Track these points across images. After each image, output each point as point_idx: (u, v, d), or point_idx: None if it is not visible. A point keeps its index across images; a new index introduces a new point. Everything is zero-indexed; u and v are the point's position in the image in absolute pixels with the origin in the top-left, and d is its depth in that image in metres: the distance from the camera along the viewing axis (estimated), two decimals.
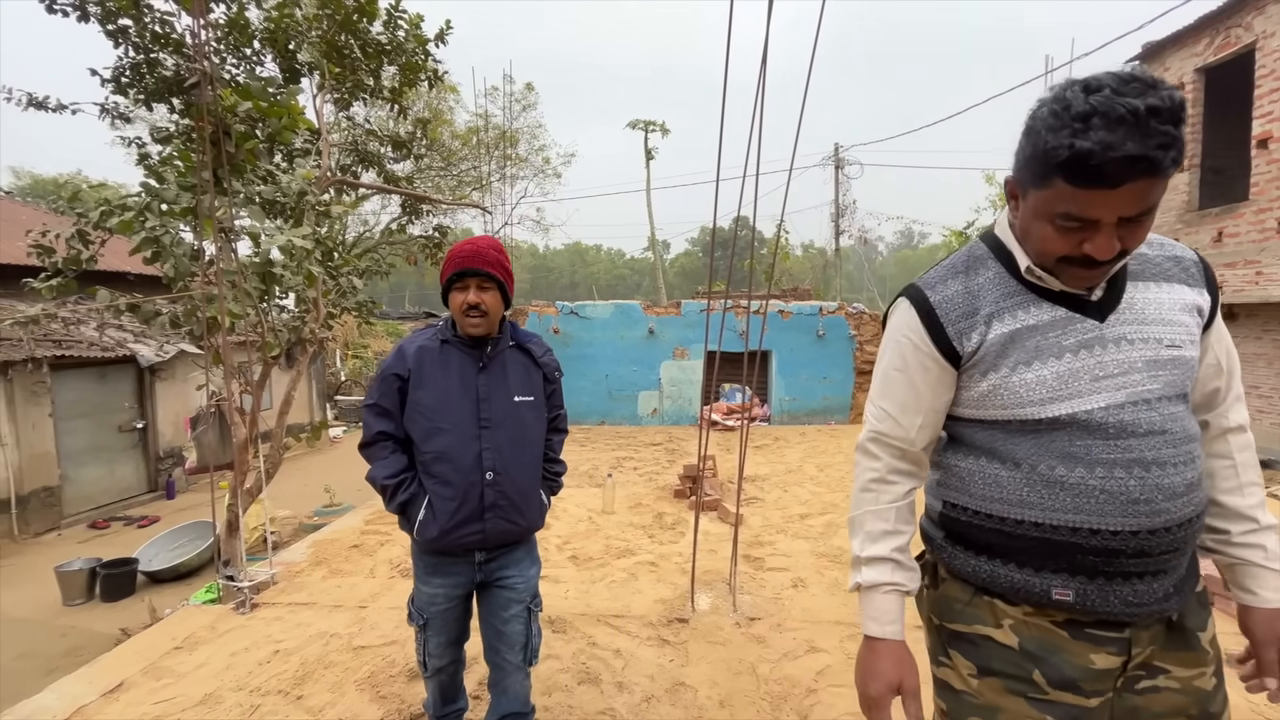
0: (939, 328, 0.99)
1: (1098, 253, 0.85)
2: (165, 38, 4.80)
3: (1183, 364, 0.92)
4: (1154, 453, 0.89)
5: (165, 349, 8.58)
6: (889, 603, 1.02)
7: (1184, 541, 0.91)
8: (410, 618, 1.84)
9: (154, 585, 5.63)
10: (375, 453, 1.72)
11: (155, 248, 3.27)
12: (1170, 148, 0.78)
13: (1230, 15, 7.71)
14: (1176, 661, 0.95)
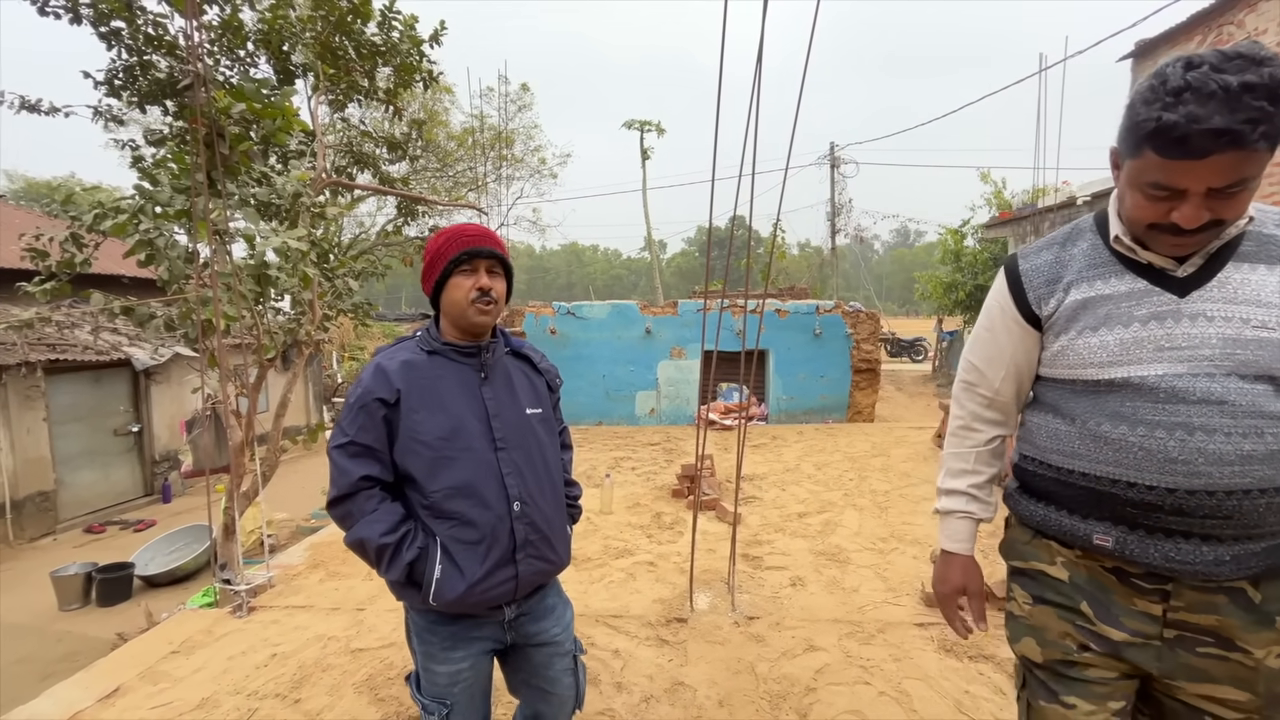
0: (1022, 293, 1.12)
1: (1184, 221, 0.90)
2: (158, 40, 4.79)
3: (1272, 345, 0.92)
4: (1203, 419, 0.93)
5: (160, 352, 8.55)
6: (961, 526, 1.24)
7: (1237, 511, 0.92)
8: (425, 711, 1.41)
9: (150, 589, 5.61)
10: (358, 505, 1.31)
11: (149, 250, 3.26)
12: (1260, 123, 0.82)
13: (1223, 13, 7.75)
14: (1253, 640, 0.96)
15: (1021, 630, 1.14)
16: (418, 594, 1.33)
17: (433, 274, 1.41)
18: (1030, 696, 1.13)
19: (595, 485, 5.25)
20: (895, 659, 2.62)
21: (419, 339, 1.44)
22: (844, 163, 20.24)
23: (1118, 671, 1.06)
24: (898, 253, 72.48)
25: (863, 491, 5.40)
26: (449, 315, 1.42)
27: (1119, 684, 1.06)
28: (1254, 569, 0.95)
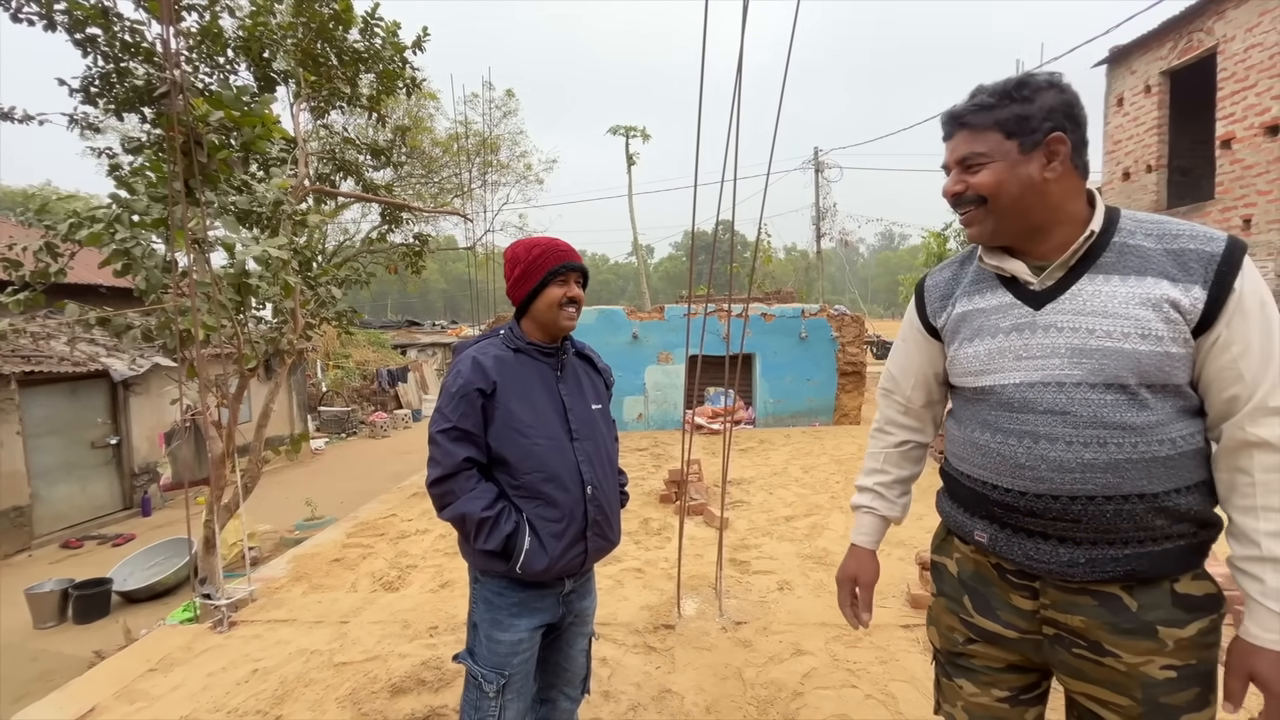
0: (923, 307, 1.22)
1: (946, 190, 1.09)
2: (135, 46, 4.73)
3: (1116, 354, 0.95)
4: (1048, 429, 1.00)
5: (139, 363, 8.41)
6: (865, 521, 1.33)
7: (1084, 515, 0.98)
8: (481, 681, 1.49)
9: (129, 605, 5.49)
10: (460, 484, 1.45)
11: (126, 260, 3.20)
12: (978, 110, 1.02)
13: (1192, 20, 7.94)
14: (1125, 648, 0.99)
15: (929, 618, 1.27)
16: (505, 563, 1.47)
17: (528, 282, 1.56)
18: (938, 672, 1.25)
19: None
20: (881, 661, 2.63)
21: (504, 337, 1.60)
22: (828, 167, 20.43)
23: (1004, 662, 1.13)
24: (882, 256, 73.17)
25: (849, 494, 5.41)
26: (539, 319, 1.58)
27: (1004, 675, 1.14)
28: (1111, 574, 0.98)
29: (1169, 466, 0.96)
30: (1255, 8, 7.10)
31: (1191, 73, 8.28)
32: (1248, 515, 0.95)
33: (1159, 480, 0.96)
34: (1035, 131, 0.99)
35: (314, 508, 7.12)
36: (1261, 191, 7.13)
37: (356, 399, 16.45)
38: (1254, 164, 7.22)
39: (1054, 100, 0.99)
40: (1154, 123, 8.68)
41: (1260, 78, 7.09)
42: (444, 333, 25.43)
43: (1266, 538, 0.93)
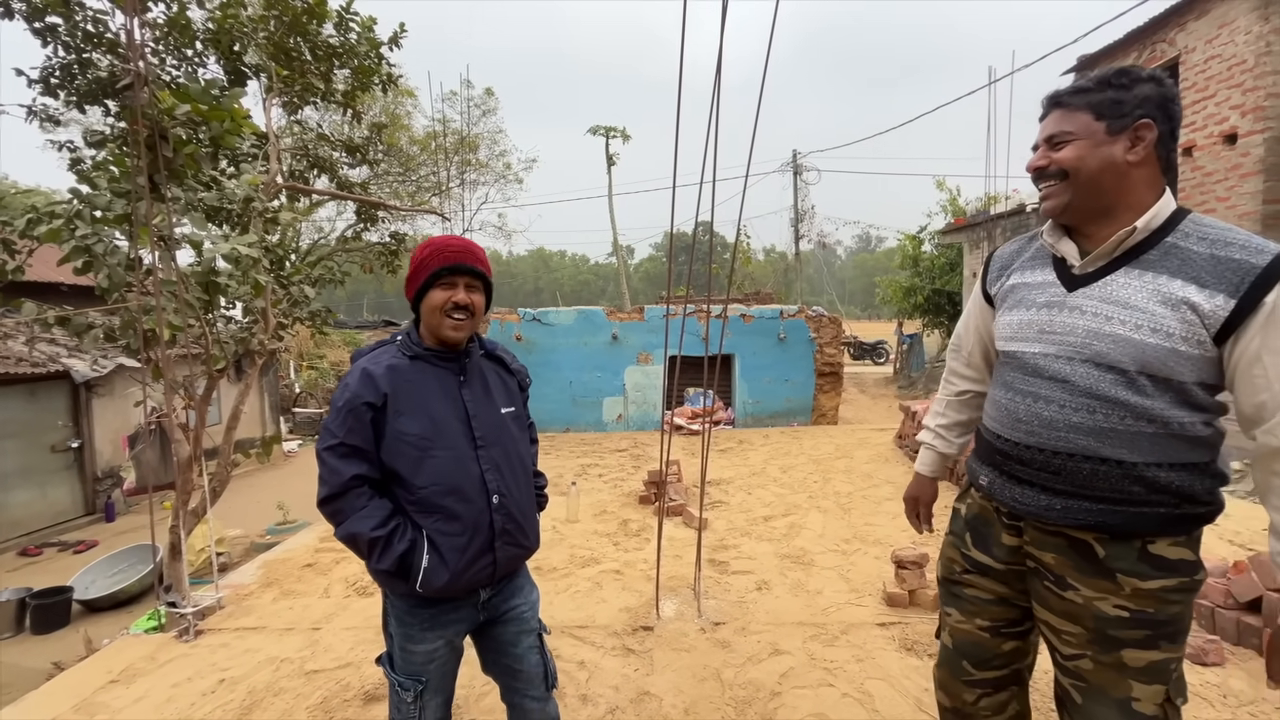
0: (986, 273, 1.38)
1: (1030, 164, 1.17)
2: (98, 37, 4.58)
3: (1123, 342, 1.06)
4: (1049, 392, 1.14)
5: (101, 363, 8.15)
6: (926, 455, 1.58)
7: (1063, 470, 1.13)
8: (399, 688, 1.51)
9: (90, 615, 5.32)
10: (350, 503, 1.39)
11: (86, 257, 3.09)
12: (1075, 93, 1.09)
13: (1156, 31, 8.19)
14: (1085, 584, 1.14)
15: (941, 553, 1.46)
16: (404, 582, 1.42)
17: (414, 283, 1.49)
18: (940, 602, 1.46)
19: (561, 494, 5.19)
20: (858, 659, 2.66)
21: (400, 343, 1.52)
22: (807, 170, 20.64)
23: (992, 594, 1.31)
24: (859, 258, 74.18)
25: (827, 494, 5.48)
26: (426, 324, 1.51)
27: (990, 606, 1.32)
28: (1082, 522, 1.11)
29: (1153, 443, 1.06)
30: (1215, 20, 7.36)
31: None
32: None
33: (1140, 452, 1.06)
34: (1125, 116, 1.05)
35: (286, 511, 6.97)
36: (1220, 198, 7.39)
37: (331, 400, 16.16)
38: (1213, 171, 7.48)
39: (1150, 91, 1.05)
40: None
41: (1219, 88, 7.34)
42: None
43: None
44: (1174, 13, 7.82)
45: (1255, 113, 6.93)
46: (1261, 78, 6.85)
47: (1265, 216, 6.90)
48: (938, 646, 1.45)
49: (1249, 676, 2.40)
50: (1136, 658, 1.10)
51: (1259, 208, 6.92)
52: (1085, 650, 1.14)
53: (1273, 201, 6.88)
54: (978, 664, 1.33)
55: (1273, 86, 6.83)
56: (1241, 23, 7.01)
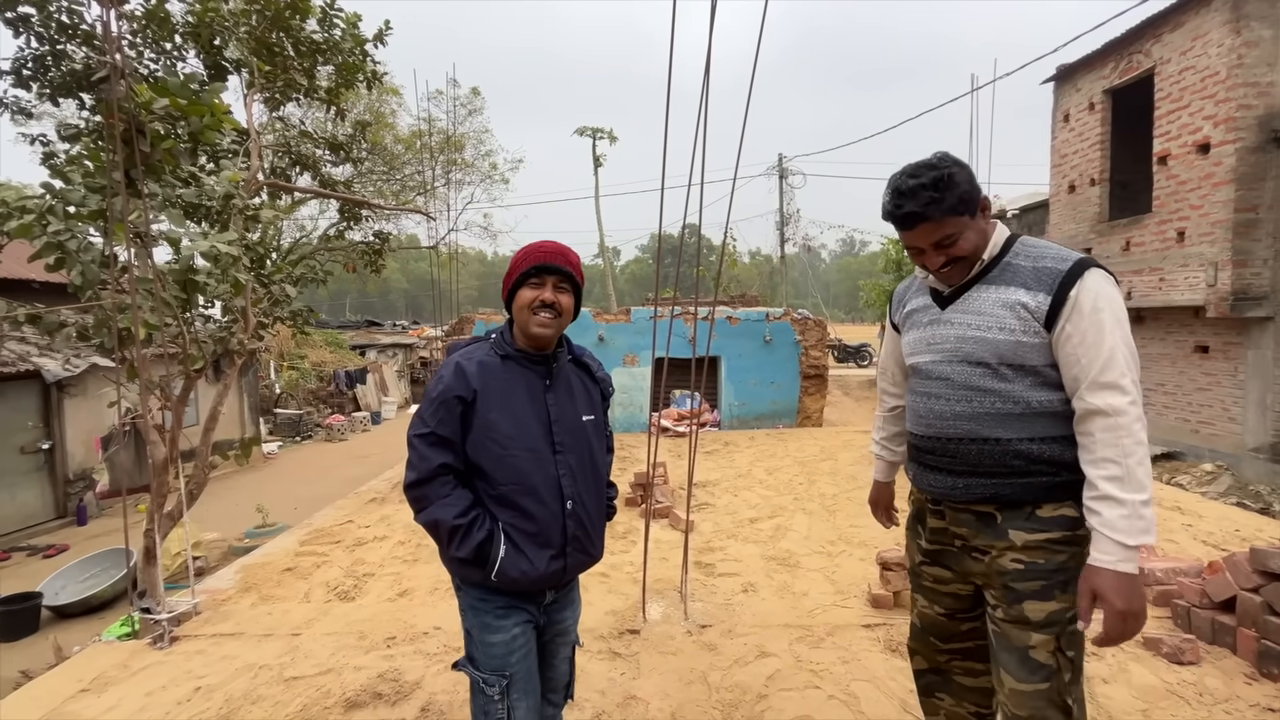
0: (891, 308, 1.69)
1: (930, 266, 1.39)
2: (73, 28, 4.47)
3: (981, 342, 1.34)
4: (937, 390, 1.42)
5: (74, 363, 7.95)
6: (878, 464, 1.88)
7: (956, 453, 1.39)
8: (484, 686, 1.49)
9: (61, 621, 5.17)
10: (434, 490, 1.44)
11: (59, 253, 3.01)
12: (931, 204, 1.29)
13: (1132, 42, 8.37)
14: (988, 545, 1.37)
15: (905, 545, 1.68)
16: (480, 571, 1.45)
17: (507, 283, 1.55)
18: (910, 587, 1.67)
19: None
20: (844, 661, 2.67)
21: (494, 342, 1.56)
22: (792, 174, 20.79)
23: (944, 586, 1.51)
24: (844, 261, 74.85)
25: (812, 495, 5.50)
26: (517, 323, 1.55)
27: (944, 597, 1.52)
28: (980, 496, 1.36)
29: (1021, 420, 1.32)
30: (1189, 33, 7.53)
31: (1132, 92, 8.73)
32: (1090, 466, 1.24)
33: (1011, 430, 1.32)
34: (973, 201, 1.33)
35: (265, 514, 6.84)
36: (1194, 206, 7.56)
37: (312, 401, 15.93)
38: (1187, 180, 7.65)
39: (963, 173, 1.31)
40: (1097, 139, 9.11)
41: (1193, 99, 7.52)
42: (405, 333, 24.84)
43: (1103, 481, 1.21)
44: (1150, 25, 7.99)
45: (1227, 123, 7.10)
46: (1233, 89, 7.03)
47: (1236, 224, 7.08)
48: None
49: (1224, 675, 2.45)
50: (1036, 609, 1.30)
51: (1231, 215, 7.10)
52: (1000, 603, 1.35)
53: (1244, 210, 7.06)
54: (942, 639, 1.57)
55: (1244, 98, 7.00)
56: (1214, 35, 7.19)
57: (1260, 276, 7.10)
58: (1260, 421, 7.19)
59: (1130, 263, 8.58)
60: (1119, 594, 1.17)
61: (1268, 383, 7.11)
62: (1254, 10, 6.93)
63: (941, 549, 1.49)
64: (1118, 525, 1.18)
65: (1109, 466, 1.20)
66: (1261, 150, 7.02)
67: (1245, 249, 7.11)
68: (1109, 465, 1.20)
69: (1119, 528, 1.17)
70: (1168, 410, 8.48)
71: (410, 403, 19.84)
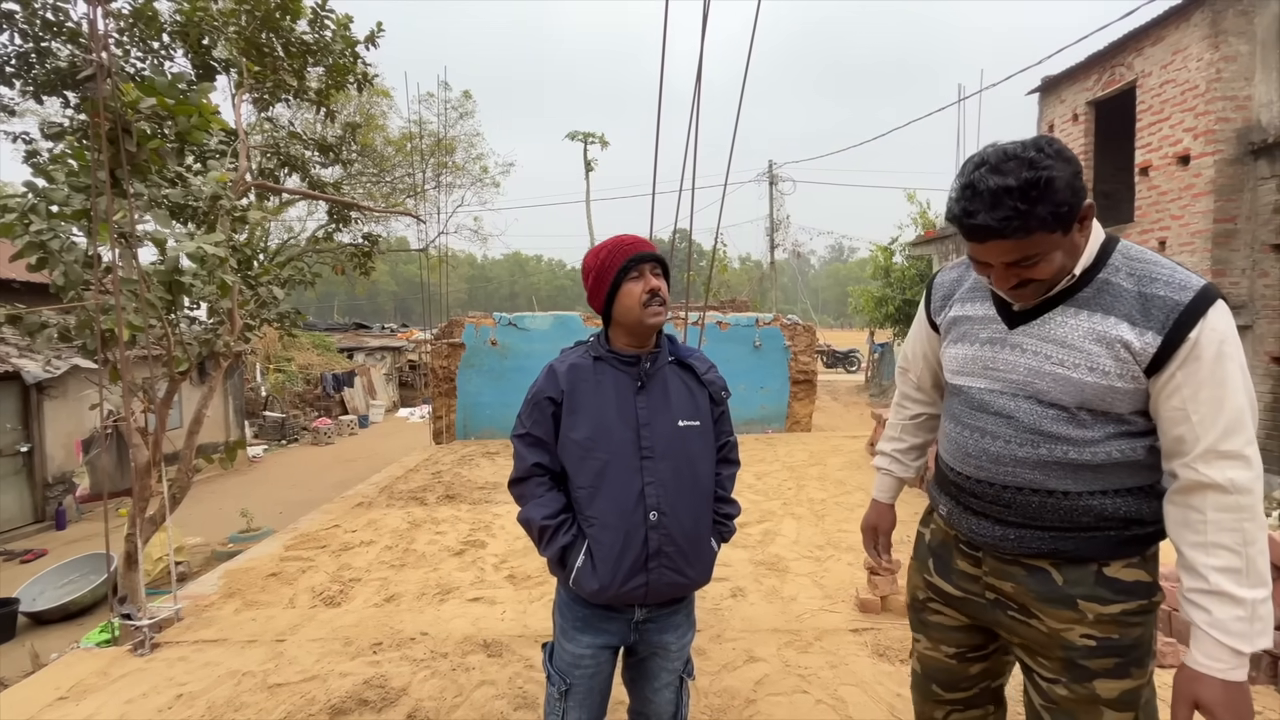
0: (929, 301, 1.37)
1: (996, 285, 1.11)
2: (58, 25, 4.42)
3: (1063, 381, 1.08)
4: (994, 427, 1.16)
5: (55, 364, 7.82)
6: (883, 480, 1.55)
7: (1013, 503, 1.14)
8: (549, 679, 1.53)
9: (38, 628, 5.07)
10: (529, 489, 1.46)
11: (41, 253, 2.97)
12: (1013, 219, 0.97)
13: (1114, 55, 8.53)
14: (1048, 614, 1.14)
15: (908, 574, 1.45)
16: (563, 573, 1.46)
17: (602, 287, 1.47)
18: (910, 625, 1.45)
19: None
20: (832, 666, 2.68)
21: (590, 345, 1.54)
22: (782, 180, 20.94)
23: (956, 621, 1.31)
24: (833, 268, 75.46)
25: (801, 500, 5.53)
26: (624, 322, 1.48)
27: (954, 634, 1.31)
28: (1037, 550, 1.13)
29: (1096, 472, 1.09)
30: (1169, 47, 7.70)
31: (1114, 103, 8.90)
32: (1198, 550, 1.01)
33: (1082, 482, 1.09)
34: (1073, 212, 0.99)
35: (250, 519, 6.76)
36: (1175, 216, 7.71)
37: (299, 404, 15.76)
38: (1168, 190, 7.80)
39: (1066, 173, 0.97)
40: (1081, 149, 9.27)
41: (1174, 111, 7.67)
42: (394, 336, 24.68)
43: (1214, 572, 0.99)
44: (1132, 39, 8.15)
45: (1206, 135, 7.25)
46: (1212, 102, 7.18)
47: (1215, 235, 7.22)
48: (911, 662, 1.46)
49: None
50: (1109, 688, 1.10)
51: (1210, 226, 7.24)
52: (1060, 677, 1.14)
53: (1223, 220, 7.21)
54: (946, 686, 1.34)
55: (1222, 111, 7.16)
56: (1194, 49, 7.35)
57: (1238, 286, 7.24)
58: None
59: None
60: (1228, 709, 0.96)
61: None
62: (1232, 26, 7.10)
63: (967, 599, 1.26)
64: (1231, 628, 0.96)
65: (1224, 555, 0.98)
66: (1239, 162, 7.18)
67: (1224, 259, 7.25)
68: (1224, 554, 0.98)
69: (1233, 631, 0.96)
70: None
71: (398, 406, 19.70)
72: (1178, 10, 7.45)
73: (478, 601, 3.49)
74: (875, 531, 1.56)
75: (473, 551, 4.35)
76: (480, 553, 4.32)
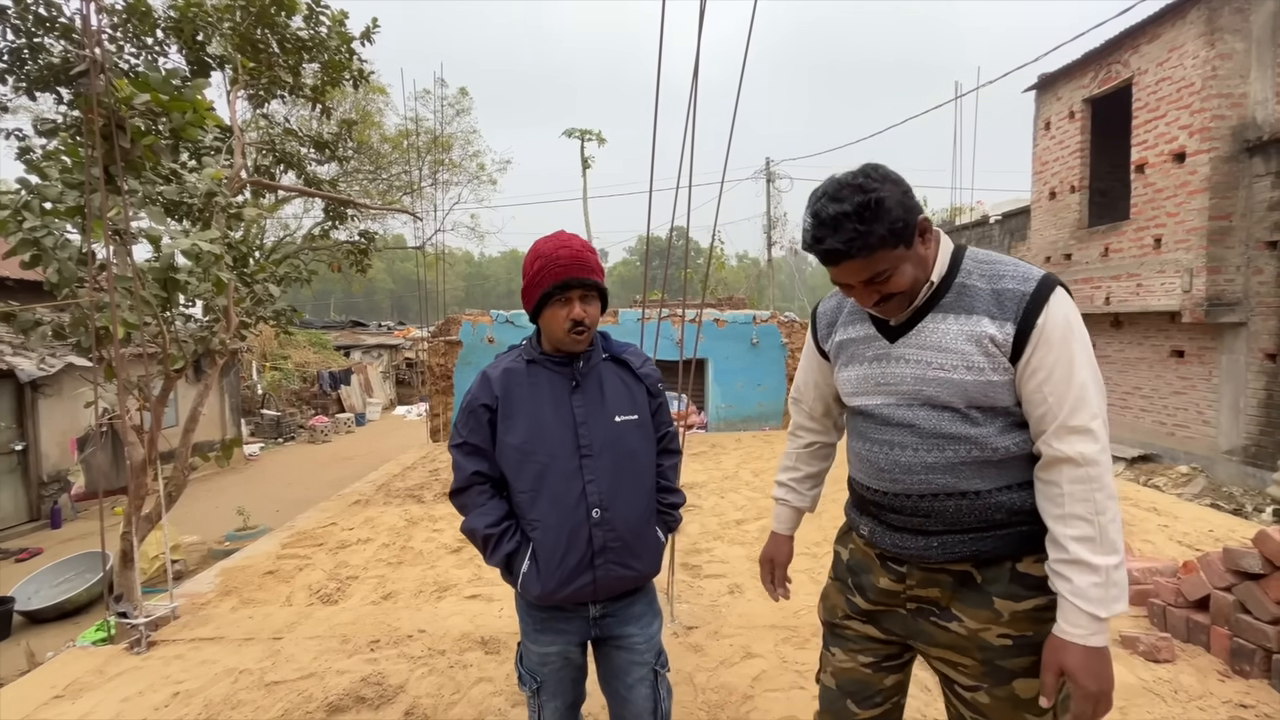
0: (814, 330, 1.41)
1: (860, 303, 1.18)
2: (51, 21, 4.39)
3: (948, 384, 1.13)
4: (900, 438, 1.19)
5: (49, 362, 7.78)
6: (780, 511, 1.55)
7: (931, 511, 1.16)
8: (520, 680, 1.57)
9: (34, 626, 5.06)
10: (470, 499, 1.47)
11: (35, 250, 2.95)
12: (855, 240, 1.05)
13: (1111, 52, 8.54)
14: (967, 614, 1.17)
15: (821, 596, 1.45)
16: (511, 579, 1.46)
17: (529, 300, 1.48)
18: (822, 644, 1.44)
19: None
20: None
21: (523, 348, 1.55)
22: (779, 177, 20.94)
23: (870, 635, 1.31)
24: None
25: None
26: (548, 338, 1.50)
27: (871, 644, 1.32)
28: (960, 555, 1.16)
29: (999, 468, 1.13)
30: (1166, 44, 7.71)
31: (1111, 101, 8.91)
32: (1058, 522, 1.07)
33: (989, 479, 1.13)
34: (908, 229, 1.08)
35: (246, 517, 6.75)
36: (1170, 214, 7.73)
37: (295, 402, 15.72)
38: (1164, 188, 7.82)
39: (895, 193, 1.06)
40: (1077, 146, 9.29)
41: (1170, 109, 7.69)
42: (390, 334, 24.63)
43: (1072, 542, 1.05)
44: (1128, 36, 8.16)
45: (1202, 133, 7.27)
46: (1208, 100, 7.20)
47: (1211, 232, 7.24)
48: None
49: (1198, 672, 2.50)
50: (1028, 688, 1.13)
51: (1205, 223, 7.26)
52: (981, 683, 1.17)
53: (1218, 217, 7.23)
54: (860, 701, 1.32)
55: (1218, 109, 7.18)
56: (1190, 47, 7.36)
57: (1233, 283, 7.27)
58: (1233, 425, 7.36)
59: (1109, 268, 8.74)
60: (1090, 674, 1.02)
61: (1240, 387, 7.28)
62: (1228, 23, 7.11)
63: (887, 611, 1.27)
64: (1089, 594, 1.03)
65: (1079, 525, 1.05)
66: (1234, 160, 7.20)
67: (1219, 256, 7.28)
68: (1079, 524, 1.05)
69: (1090, 597, 1.03)
70: (1144, 414, 8.65)
71: (395, 404, 19.67)
72: (1174, 8, 7.46)
73: (475, 599, 3.49)
74: (773, 564, 1.55)
75: (470, 549, 4.35)
76: (474, 552, 4.32)
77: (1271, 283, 6.94)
